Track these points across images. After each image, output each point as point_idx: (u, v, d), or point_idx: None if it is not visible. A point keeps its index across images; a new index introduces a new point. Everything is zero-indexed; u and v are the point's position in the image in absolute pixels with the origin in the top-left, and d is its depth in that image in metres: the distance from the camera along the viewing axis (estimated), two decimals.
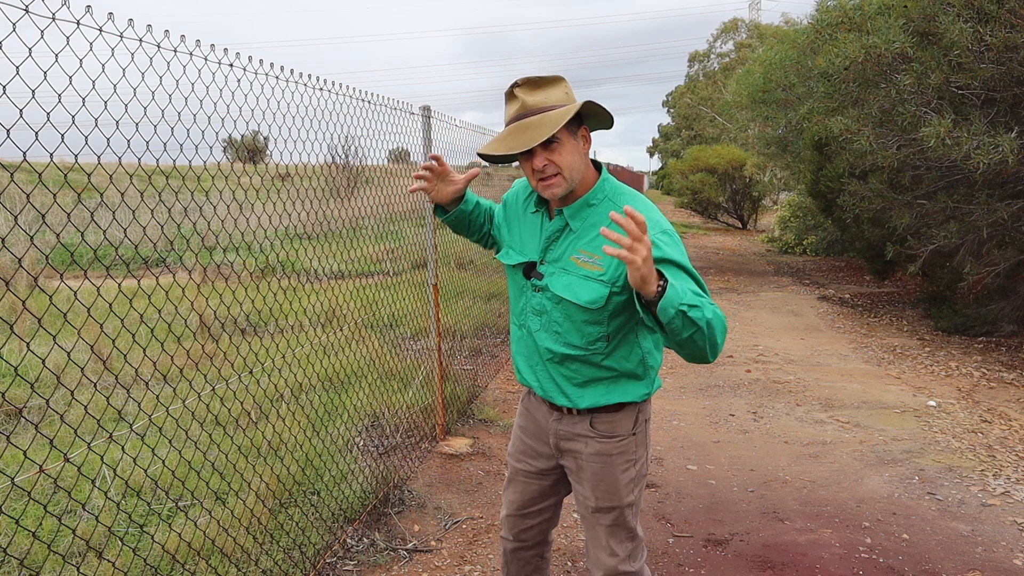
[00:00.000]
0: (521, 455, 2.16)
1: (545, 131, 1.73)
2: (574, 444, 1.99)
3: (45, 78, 1.71)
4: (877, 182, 6.94)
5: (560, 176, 1.79)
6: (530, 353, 2.00)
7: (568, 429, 1.99)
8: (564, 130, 1.78)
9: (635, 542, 2.06)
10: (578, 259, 1.83)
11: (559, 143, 1.78)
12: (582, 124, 1.87)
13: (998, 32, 5.27)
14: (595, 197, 1.87)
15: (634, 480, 2.00)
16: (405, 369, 5.17)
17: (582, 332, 1.86)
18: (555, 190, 1.81)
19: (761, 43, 26.11)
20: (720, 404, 5.39)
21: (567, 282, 1.84)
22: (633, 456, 1.99)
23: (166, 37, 2.06)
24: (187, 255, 10.41)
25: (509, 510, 2.22)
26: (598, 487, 1.98)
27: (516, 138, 1.78)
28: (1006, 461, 4.19)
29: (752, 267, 13.31)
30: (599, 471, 1.97)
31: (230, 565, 2.79)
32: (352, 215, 3.91)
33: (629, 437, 1.97)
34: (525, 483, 2.16)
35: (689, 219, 24.57)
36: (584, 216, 1.86)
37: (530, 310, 1.95)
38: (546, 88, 1.82)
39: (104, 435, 3.63)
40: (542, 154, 1.78)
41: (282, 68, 2.67)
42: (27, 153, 1.70)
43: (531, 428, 2.13)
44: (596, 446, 1.96)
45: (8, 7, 1.59)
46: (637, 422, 1.98)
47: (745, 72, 15.00)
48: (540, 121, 1.76)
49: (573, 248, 1.86)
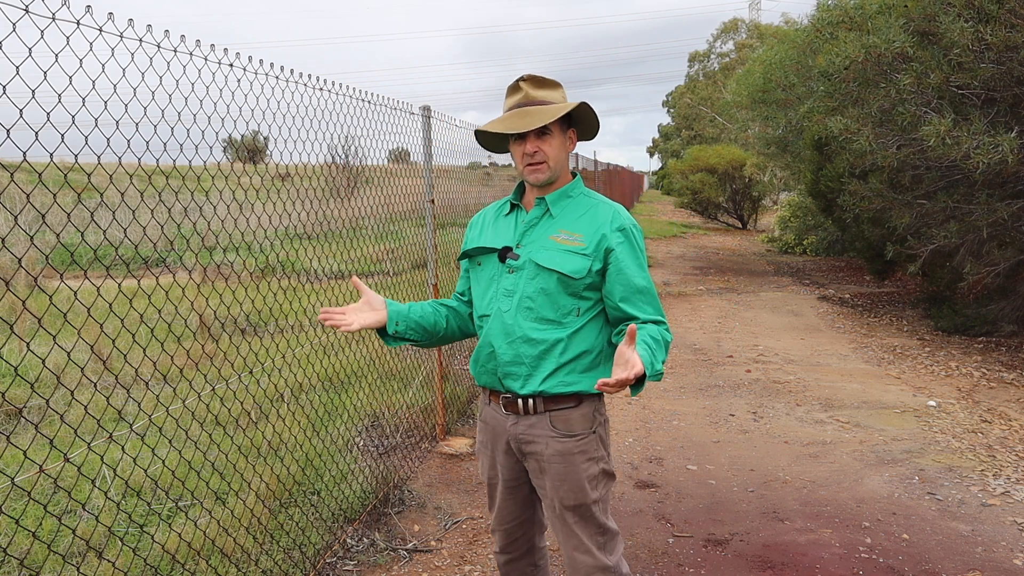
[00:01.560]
0: (490, 470, 2.19)
1: (545, 117, 1.91)
2: (534, 446, 2.02)
3: (45, 78, 1.71)
4: (877, 182, 6.94)
5: (546, 164, 1.98)
6: (495, 337, 2.01)
7: (527, 431, 2.02)
8: (557, 126, 1.98)
9: (607, 535, 2.06)
10: (558, 237, 1.98)
11: (551, 135, 1.97)
12: (571, 127, 2.05)
13: (998, 32, 5.27)
14: (573, 191, 2.06)
15: (597, 477, 2.03)
16: (405, 369, 5.17)
17: (557, 304, 1.96)
18: (539, 175, 1.98)
19: (761, 43, 26.11)
20: (720, 404, 5.39)
21: (549, 255, 1.97)
22: (595, 454, 2.02)
23: (166, 37, 2.06)
24: (187, 255, 10.41)
25: (495, 525, 2.25)
26: (562, 487, 2.01)
27: (516, 121, 1.94)
28: (1006, 461, 4.19)
29: (752, 267, 13.31)
30: (562, 471, 2.00)
31: (230, 565, 2.79)
32: (352, 215, 3.91)
33: (589, 435, 2.01)
34: (502, 498, 2.18)
35: (689, 219, 24.57)
36: (563, 204, 2.03)
37: (501, 293, 2.02)
38: (548, 88, 2.01)
39: (104, 435, 3.63)
40: (535, 141, 1.96)
41: (282, 68, 2.67)
42: (27, 153, 1.70)
43: (491, 441, 2.15)
44: (556, 446, 1.99)
45: (8, 7, 1.59)
46: (595, 420, 2.02)
47: (745, 72, 15.01)
48: (540, 110, 1.95)
49: (552, 230, 2.00)
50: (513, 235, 2.05)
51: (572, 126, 2.05)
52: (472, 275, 2.14)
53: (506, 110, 2.02)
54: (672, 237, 19.02)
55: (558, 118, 1.94)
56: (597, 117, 2.04)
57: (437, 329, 2.17)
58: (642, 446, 4.57)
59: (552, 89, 2.01)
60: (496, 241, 2.07)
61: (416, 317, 2.12)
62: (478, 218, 2.22)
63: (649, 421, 5.04)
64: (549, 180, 1.99)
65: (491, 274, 2.06)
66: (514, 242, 2.03)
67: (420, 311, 2.14)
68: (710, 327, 8.12)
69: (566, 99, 2.02)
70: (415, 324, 2.11)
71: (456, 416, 4.87)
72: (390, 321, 2.06)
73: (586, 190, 2.09)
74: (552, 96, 1.99)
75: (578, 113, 2.01)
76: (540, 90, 1.99)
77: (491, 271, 2.06)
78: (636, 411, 5.25)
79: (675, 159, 34.93)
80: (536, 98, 1.97)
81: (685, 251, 15.93)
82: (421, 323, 2.13)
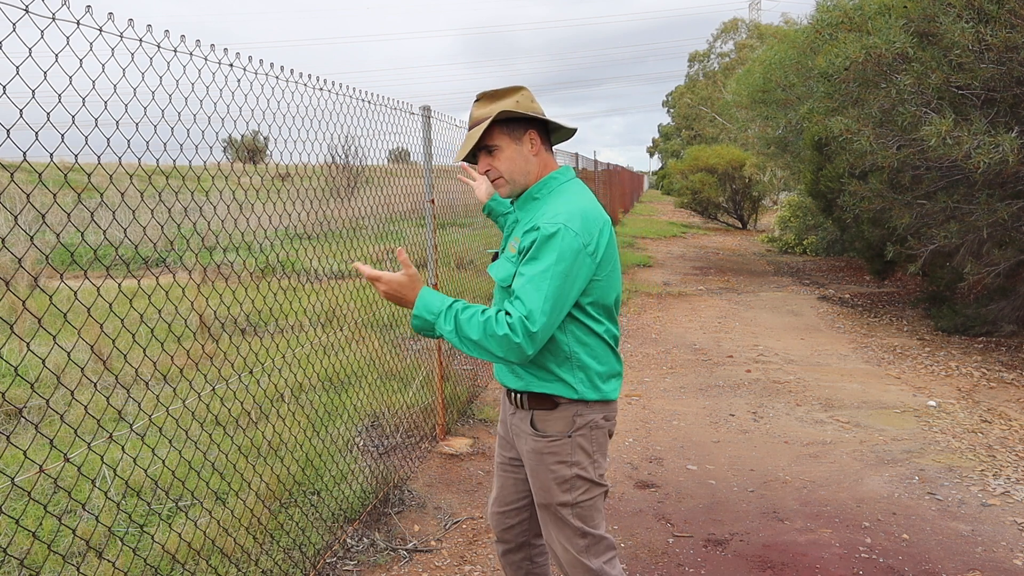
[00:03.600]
0: (500, 449, 2.27)
1: (467, 145, 1.95)
2: (519, 441, 2.10)
3: (45, 78, 1.71)
4: (877, 182, 6.94)
5: (502, 179, 1.98)
6: None
7: (517, 425, 2.09)
8: (505, 137, 1.95)
9: (587, 539, 2.04)
10: (512, 245, 1.97)
11: (499, 149, 1.96)
12: (528, 129, 1.98)
13: (998, 32, 5.27)
14: (539, 192, 2.01)
15: (569, 482, 2.00)
16: (405, 369, 5.17)
17: None
18: (502, 191, 2.02)
19: (761, 43, 26.12)
20: (720, 404, 5.39)
21: (496, 265, 2.02)
22: (567, 458, 1.99)
23: (166, 37, 2.06)
24: (187, 255, 10.41)
25: (491, 504, 2.30)
26: (534, 483, 2.06)
27: (460, 148, 2.00)
28: (1006, 461, 4.19)
29: (752, 267, 13.31)
30: (533, 467, 2.04)
31: (230, 565, 2.79)
32: (352, 215, 3.91)
33: (563, 439, 1.99)
34: (503, 474, 2.24)
35: (689, 219, 24.57)
36: (529, 208, 2.01)
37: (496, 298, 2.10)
38: (499, 99, 1.96)
39: (104, 435, 3.63)
40: (485, 159, 1.98)
41: (282, 68, 2.67)
42: (27, 153, 1.70)
43: (503, 426, 2.24)
44: (532, 443, 2.03)
45: (8, 7, 1.59)
46: (575, 424, 1.99)
47: (745, 72, 15.01)
48: (472, 134, 1.95)
49: (512, 236, 2.02)
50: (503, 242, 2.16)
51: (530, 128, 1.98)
52: None
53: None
54: (672, 237, 19.02)
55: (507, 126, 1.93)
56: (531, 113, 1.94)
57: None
58: (642, 446, 4.57)
59: (501, 100, 1.94)
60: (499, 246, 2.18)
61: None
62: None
63: (649, 421, 5.04)
64: (513, 193, 2.01)
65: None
66: (501, 249, 2.13)
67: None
68: (710, 327, 8.12)
69: (520, 103, 1.94)
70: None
71: (456, 416, 4.87)
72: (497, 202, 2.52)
73: (560, 187, 2.00)
74: (496, 108, 1.92)
75: (500, 118, 1.93)
76: (488, 106, 1.94)
77: None
78: (636, 411, 5.25)
79: (675, 159, 34.95)
80: (478, 118, 1.95)
81: (685, 251, 15.93)
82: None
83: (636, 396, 5.62)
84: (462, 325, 1.80)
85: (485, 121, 1.92)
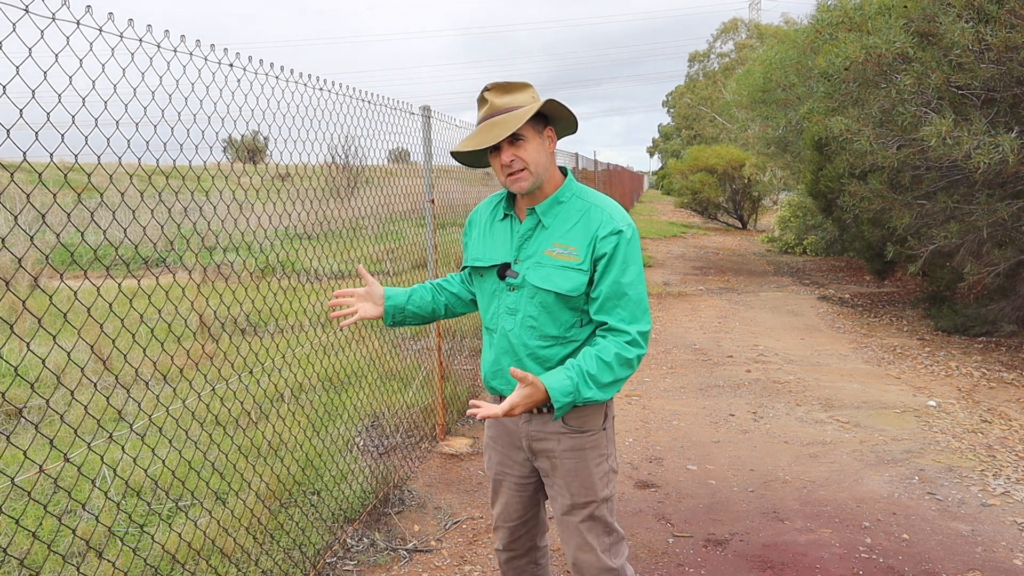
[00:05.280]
0: (499, 466, 2.18)
1: (511, 126, 1.84)
2: (547, 443, 2.03)
3: (45, 78, 1.71)
4: (877, 182, 6.93)
5: (527, 171, 1.90)
6: (502, 355, 2.02)
7: (539, 429, 2.03)
8: (530, 128, 1.90)
9: (613, 537, 2.06)
10: (552, 252, 1.93)
11: (525, 140, 1.89)
12: (547, 125, 1.97)
13: (998, 32, 5.27)
14: (564, 195, 1.98)
15: (607, 475, 2.04)
16: (405, 369, 5.17)
17: (558, 321, 1.95)
18: (522, 184, 1.91)
19: (761, 43, 26.11)
20: (720, 404, 5.39)
21: (544, 274, 1.93)
22: (605, 451, 2.04)
23: (166, 37, 2.06)
24: (187, 255, 10.41)
25: (498, 522, 2.26)
26: (573, 483, 2.02)
27: (485, 135, 1.88)
28: (1006, 461, 4.19)
29: (752, 267, 13.31)
30: (573, 467, 2.01)
31: (230, 565, 2.79)
32: (352, 215, 3.91)
33: (600, 432, 2.02)
34: (508, 494, 2.19)
35: (689, 219, 24.57)
36: (555, 213, 1.97)
37: (503, 311, 2.01)
38: (514, 92, 1.93)
39: (104, 435, 3.63)
40: (509, 149, 1.89)
41: (282, 68, 2.67)
42: (27, 153, 1.70)
43: (503, 438, 2.15)
44: (569, 442, 2.00)
45: (8, 7, 1.59)
46: (606, 417, 2.04)
47: (745, 72, 15.01)
48: (506, 118, 1.87)
49: (547, 243, 1.95)
50: (510, 248, 2.01)
51: (549, 124, 1.98)
52: (475, 281, 2.14)
53: (477, 123, 1.96)
54: (672, 237, 19.02)
55: (530, 119, 1.88)
56: (569, 110, 1.95)
57: (436, 316, 2.28)
58: (642, 446, 4.57)
59: (518, 92, 1.92)
60: (495, 254, 2.03)
61: (414, 309, 2.21)
62: (474, 217, 2.19)
63: (649, 421, 5.04)
64: (534, 186, 1.92)
65: (492, 288, 2.04)
66: (512, 257, 1.99)
67: (419, 302, 2.22)
68: (710, 327, 8.12)
69: (535, 97, 1.93)
70: (412, 315, 2.22)
71: (456, 416, 4.87)
72: (387, 315, 2.18)
73: (579, 189, 2.01)
74: (518, 100, 1.90)
75: (551, 110, 1.94)
76: (505, 96, 1.91)
77: (492, 285, 2.05)
78: (636, 411, 5.25)
79: (675, 159, 34.93)
80: (501, 106, 1.89)
81: (685, 251, 15.93)
82: (419, 313, 2.23)
83: (636, 396, 5.62)
84: (598, 377, 1.82)
85: (529, 106, 1.88)
